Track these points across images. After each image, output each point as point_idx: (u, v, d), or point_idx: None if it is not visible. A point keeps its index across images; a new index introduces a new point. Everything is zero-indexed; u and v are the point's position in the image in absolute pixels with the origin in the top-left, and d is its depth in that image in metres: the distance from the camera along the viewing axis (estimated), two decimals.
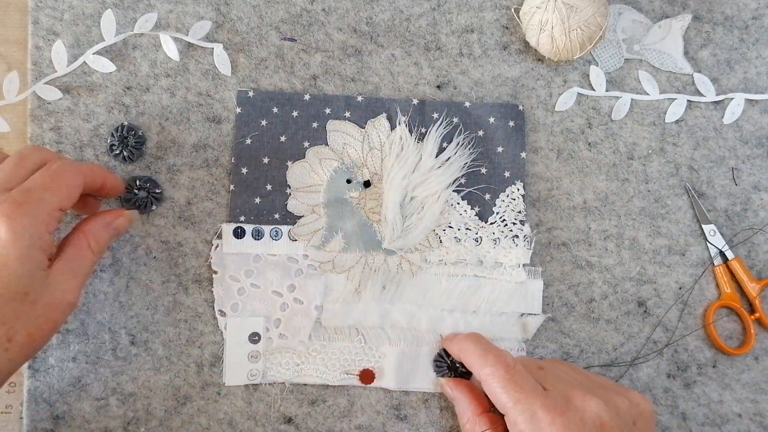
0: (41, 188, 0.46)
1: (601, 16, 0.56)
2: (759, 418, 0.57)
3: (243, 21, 0.59)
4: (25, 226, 0.44)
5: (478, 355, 0.51)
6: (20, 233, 0.43)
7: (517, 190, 0.58)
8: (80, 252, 0.48)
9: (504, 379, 0.48)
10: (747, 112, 0.61)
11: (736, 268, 0.58)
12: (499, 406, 0.49)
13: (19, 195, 0.45)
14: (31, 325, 0.45)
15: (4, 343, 0.44)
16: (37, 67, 0.57)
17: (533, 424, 0.46)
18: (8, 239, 0.43)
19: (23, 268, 0.44)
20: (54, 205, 0.46)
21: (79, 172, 0.48)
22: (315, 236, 0.57)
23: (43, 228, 0.45)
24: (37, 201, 0.45)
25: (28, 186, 0.46)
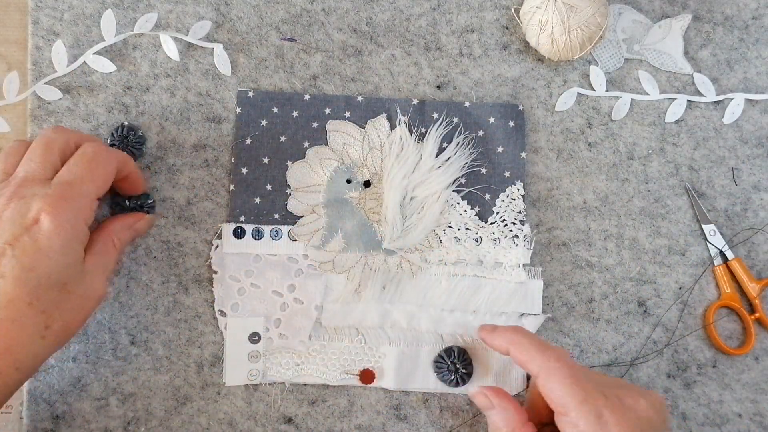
0: (81, 180, 0.47)
1: (601, 16, 0.56)
2: (759, 418, 0.57)
3: (243, 21, 0.59)
4: (69, 219, 0.46)
5: (537, 349, 0.48)
6: (63, 226, 0.45)
7: (517, 190, 0.58)
8: (107, 248, 0.50)
9: (571, 376, 0.46)
10: (747, 112, 0.61)
11: (736, 268, 0.58)
12: (558, 404, 0.46)
13: (61, 189, 0.46)
14: (67, 314, 0.46)
15: (42, 330, 0.45)
16: (37, 67, 0.57)
17: (600, 425, 0.44)
18: (52, 231, 0.45)
19: (64, 259, 0.45)
20: (92, 195, 0.48)
21: (112, 158, 0.50)
22: (315, 236, 0.57)
23: (83, 220, 0.47)
24: (78, 194, 0.47)
25: (69, 179, 0.47)
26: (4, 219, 0.45)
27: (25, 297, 0.44)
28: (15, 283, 0.44)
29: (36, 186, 0.46)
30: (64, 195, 0.46)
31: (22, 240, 0.44)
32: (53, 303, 0.45)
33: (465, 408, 0.56)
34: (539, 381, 0.47)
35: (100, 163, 0.49)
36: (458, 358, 0.55)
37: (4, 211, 0.45)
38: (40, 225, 0.45)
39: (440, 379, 0.55)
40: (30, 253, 0.44)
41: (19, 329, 0.44)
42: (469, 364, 0.55)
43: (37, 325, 0.45)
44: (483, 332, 0.53)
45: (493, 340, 0.51)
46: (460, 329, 0.56)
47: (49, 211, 0.45)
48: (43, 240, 0.45)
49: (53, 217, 0.45)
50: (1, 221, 0.45)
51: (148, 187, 0.56)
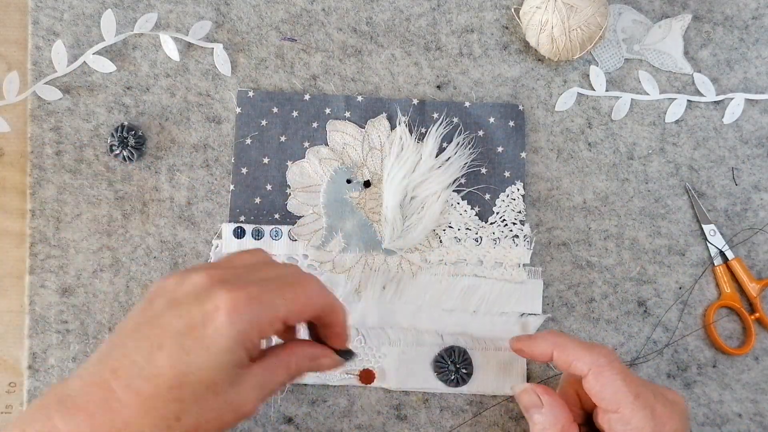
0: (277, 292, 0.43)
1: (601, 16, 0.56)
2: (759, 418, 0.57)
3: (243, 21, 0.59)
4: (244, 323, 0.41)
5: (583, 347, 0.47)
6: (237, 327, 0.41)
7: (517, 190, 0.58)
8: (279, 368, 0.45)
9: (621, 372, 0.46)
10: (747, 112, 0.61)
11: (736, 268, 0.58)
12: (610, 401, 0.46)
13: (254, 289, 0.42)
14: (203, 414, 0.41)
15: (173, 421, 0.41)
16: (37, 67, 0.57)
17: (654, 420, 0.44)
18: (223, 327, 0.40)
19: (223, 359, 0.41)
20: (281, 315, 0.42)
21: (324, 297, 0.45)
22: (315, 236, 0.57)
23: (257, 332, 0.42)
24: (268, 304, 0.42)
25: (267, 284, 0.43)
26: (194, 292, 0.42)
27: (170, 378, 0.40)
28: (167, 359, 0.40)
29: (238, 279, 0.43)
30: (252, 297, 0.41)
31: (195, 320, 0.41)
32: (194, 397, 0.41)
33: (465, 408, 0.56)
34: (588, 379, 0.47)
35: (307, 290, 0.44)
36: (459, 358, 0.55)
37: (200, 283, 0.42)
38: (217, 317, 0.40)
39: (440, 379, 0.55)
40: (194, 339, 0.40)
41: (149, 409, 0.40)
42: (470, 364, 0.55)
43: (169, 412, 0.40)
44: (519, 342, 0.51)
45: (534, 346, 0.50)
46: (461, 329, 0.56)
47: (228, 307, 0.41)
48: (211, 332, 0.40)
49: (229, 316, 0.40)
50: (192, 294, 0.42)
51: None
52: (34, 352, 0.54)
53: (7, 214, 0.56)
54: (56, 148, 0.56)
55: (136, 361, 0.40)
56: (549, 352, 0.49)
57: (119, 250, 0.56)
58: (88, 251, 0.56)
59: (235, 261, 0.46)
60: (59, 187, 0.56)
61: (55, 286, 0.55)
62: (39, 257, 0.55)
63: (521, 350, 0.51)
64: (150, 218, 0.56)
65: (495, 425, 0.56)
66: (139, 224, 0.56)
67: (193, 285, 0.42)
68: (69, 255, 0.55)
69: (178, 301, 0.42)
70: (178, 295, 0.42)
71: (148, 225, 0.56)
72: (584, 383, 0.47)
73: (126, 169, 0.57)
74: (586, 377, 0.47)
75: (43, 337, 0.55)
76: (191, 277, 0.43)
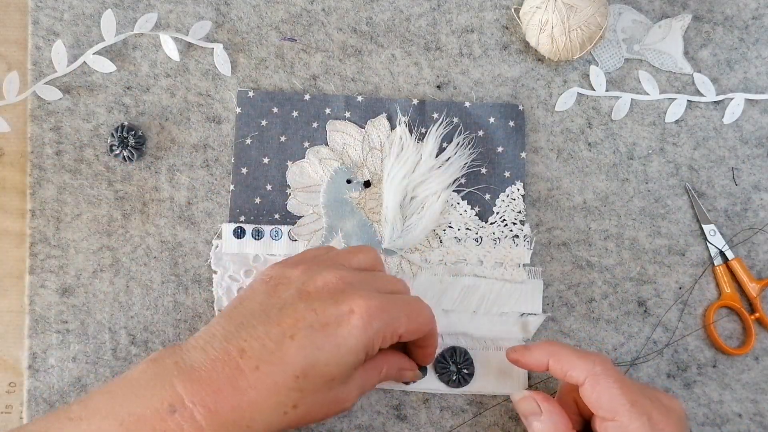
0: (402, 308, 0.46)
1: (601, 16, 0.56)
2: (759, 418, 0.57)
3: (243, 21, 0.59)
4: (374, 330, 0.44)
5: (579, 356, 0.48)
6: (368, 333, 0.44)
7: (517, 190, 0.58)
8: (374, 372, 0.49)
9: (617, 380, 0.46)
10: (747, 112, 0.61)
11: (736, 268, 0.58)
12: (606, 409, 0.46)
13: (384, 301, 0.45)
14: (316, 404, 0.44)
15: (290, 407, 0.43)
16: (37, 67, 0.57)
17: (651, 426, 0.45)
18: (356, 330, 0.44)
19: (348, 359, 0.44)
20: (401, 330, 0.46)
21: (432, 322, 0.49)
22: (315, 236, 0.57)
23: (381, 341, 0.45)
24: (395, 317, 0.45)
25: (394, 299, 0.46)
26: (328, 289, 0.45)
27: (297, 368, 0.42)
28: (297, 349, 0.43)
29: (366, 287, 0.46)
30: (383, 309, 0.45)
31: (329, 318, 0.43)
32: (313, 388, 0.43)
33: (465, 408, 0.56)
34: (585, 387, 0.47)
35: (423, 312, 0.48)
36: (460, 359, 0.55)
37: (333, 282, 0.45)
38: (351, 319, 0.44)
39: (442, 380, 0.55)
40: (326, 335, 0.43)
41: (272, 393, 0.42)
42: (471, 364, 0.55)
43: (289, 399, 0.43)
44: (515, 353, 0.51)
45: (529, 357, 0.50)
46: (461, 329, 0.56)
47: (364, 313, 0.44)
48: (344, 332, 0.43)
49: (364, 321, 0.44)
50: (325, 290, 0.45)
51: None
52: (34, 352, 0.54)
53: (7, 214, 0.56)
54: (56, 148, 0.56)
55: (266, 345, 0.42)
56: (544, 362, 0.50)
57: (119, 250, 0.56)
58: (88, 251, 0.56)
59: (353, 261, 0.49)
60: (59, 187, 0.56)
61: (55, 286, 0.55)
62: (39, 257, 0.55)
63: (517, 360, 0.51)
64: (150, 218, 0.56)
65: (495, 425, 0.56)
66: (139, 224, 0.56)
67: (326, 283, 0.45)
68: (69, 255, 0.55)
69: (310, 296, 0.44)
70: (309, 289, 0.44)
71: (148, 225, 0.56)
72: (581, 391, 0.48)
73: (126, 169, 0.57)
74: (583, 386, 0.47)
75: (43, 337, 0.55)
76: (322, 274, 0.45)
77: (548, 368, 0.49)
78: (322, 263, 0.47)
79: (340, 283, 0.45)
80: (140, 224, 0.56)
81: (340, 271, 0.46)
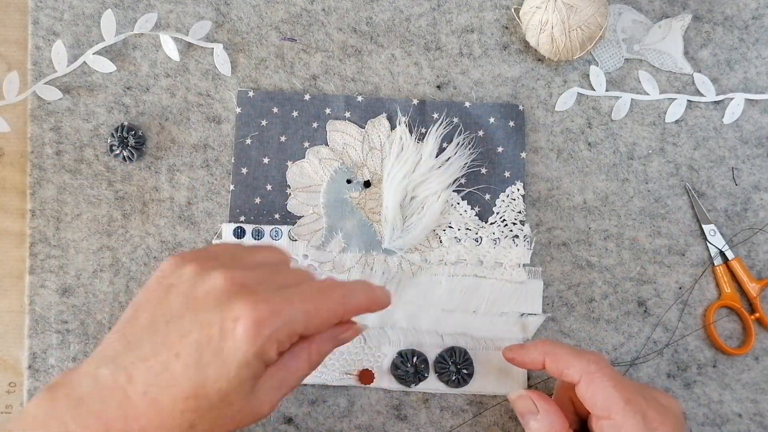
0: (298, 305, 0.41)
1: (601, 16, 0.56)
2: (759, 418, 0.57)
3: (243, 21, 0.59)
4: (263, 339, 0.40)
5: (574, 355, 0.48)
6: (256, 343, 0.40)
7: (517, 190, 0.58)
8: (297, 363, 0.43)
9: (612, 379, 0.46)
10: (747, 112, 0.61)
11: (736, 268, 0.58)
12: (601, 408, 0.46)
13: (275, 301, 0.41)
14: (217, 421, 0.41)
15: (187, 428, 0.40)
16: (37, 67, 0.57)
17: (645, 425, 0.44)
18: (242, 343, 0.39)
19: (240, 373, 0.40)
20: (299, 330, 0.41)
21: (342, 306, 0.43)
22: (315, 236, 0.57)
23: (276, 347, 0.41)
24: (289, 318, 0.41)
25: (289, 296, 0.41)
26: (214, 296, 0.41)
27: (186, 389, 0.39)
28: (184, 368, 0.39)
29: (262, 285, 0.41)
30: (276, 312, 0.40)
31: (212, 330, 0.40)
32: (208, 406, 0.40)
33: (465, 408, 0.56)
34: (580, 386, 0.47)
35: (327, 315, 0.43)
36: (460, 359, 0.55)
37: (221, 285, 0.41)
38: (236, 329, 0.39)
39: (441, 380, 0.55)
40: (211, 351, 0.39)
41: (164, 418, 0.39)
42: (470, 364, 0.55)
43: (184, 420, 0.40)
44: (511, 352, 0.51)
45: (525, 355, 0.50)
46: (461, 329, 0.56)
47: (249, 323, 0.39)
48: (230, 346, 0.39)
49: (249, 332, 0.39)
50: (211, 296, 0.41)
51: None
52: (34, 352, 0.54)
53: (7, 214, 0.56)
54: (56, 148, 0.56)
55: (152, 367, 0.40)
56: (540, 361, 0.50)
57: (119, 250, 0.56)
58: (88, 251, 0.56)
59: (255, 257, 0.45)
60: (59, 187, 0.56)
61: (55, 286, 0.55)
62: (39, 257, 0.55)
63: (513, 359, 0.51)
64: (150, 218, 0.56)
65: (495, 425, 0.56)
66: (139, 224, 0.56)
67: (213, 286, 0.41)
68: (69, 255, 0.55)
69: (197, 303, 0.41)
70: (197, 294, 0.41)
71: (148, 225, 0.56)
72: (576, 390, 0.48)
73: (126, 169, 0.57)
74: (578, 384, 0.47)
75: (43, 337, 0.55)
76: (212, 276, 0.41)
77: (544, 367, 0.50)
78: (217, 261, 0.43)
79: (229, 285, 0.41)
80: (140, 224, 0.56)
81: (232, 271, 0.42)
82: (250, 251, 0.45)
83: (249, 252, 0.45)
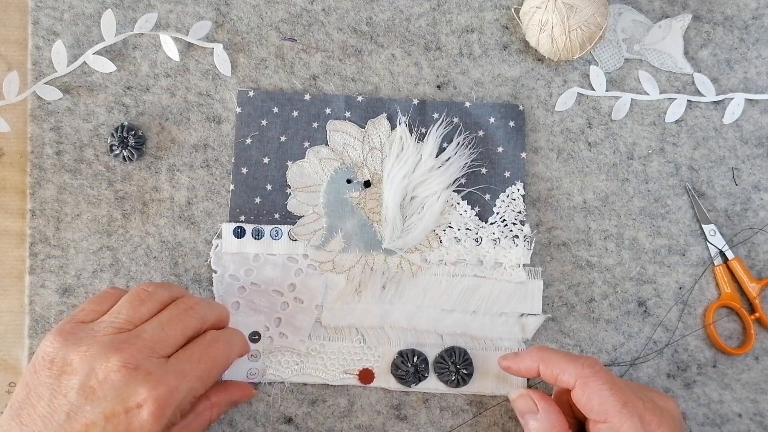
0: (195, 378, 0.45)
1: (601, 16, 0.56)
2: (759, 418, 0.57)
3: (243, 21, 0.59)
4: (167, 416, 0.43)
5: (568, 360, 0.48)
6: (161, 421, 0.43)
7: (517, 191, 0.58)
8: (200, 421, 0.48)
9: (607, 382, 0.46)
10: (747, 112, 0.61)
11: (736, 268, 0.58)
12: (597, 411, 0.46)
13: (174, 380, 0.44)
14: None
15: None
16: (37, 67, 0.57)
17: (643, 427, 0.44)
18: (149, 424, 0.42)
19: None
20: (198, 394, 0.46)
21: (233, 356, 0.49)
22: (315, 236, 0.57)
23: (179, 415, 0.45)
24: (188, 391, 0.45)
25: (184, 370, 0.45)
26: (111, 385, 0.42)
27: None
28: None
29: (153, 361, 0.44)
30: (175, 389, 0.43)
31: (119, 419, 0.42)
32: None
33: (465, 408, 0.56)
34: (576, 391, 0.47)
35: (219, 370, 0.47)
36: (459, 359, 0.55)
37: (113, 373, 0.42)
38: (141, 414, 0.42)
39: (441, 380, 0.55)
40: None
41: None
42: (470, 364, 0.55)
43: None
44: (506, 360, 0.52)
45: (520, 363, 0.51)
46: (460, 329, 0.56)
47: (153, 406, 0.42)
48: (137, 428, 0.42)
49: (155, 414, 0.42)
50: (108, 385, 0.42)
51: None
52: (34, 352, 0.54)
53: (7, 214, 0.56)
54: (56, 148, 0.56)
55: None
56: (535, 368, 0.50)
57: (119, 250, 0.56)
58: (88, 251, 0.56)
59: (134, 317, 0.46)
60: (59, 187, 0.56)
61: (55, 286, 0.55)
62: (39, 257, 0.55)
63: (508, 368, 0.52)
64: (150, 218, 0.56)
65: (495, 425, 0.56)
66: (139, 224, 0.56)
67: (107, 375, 0.42)
68: (69, 255, 0.55)
69: (95, 394, 0.42)
70: (93, 384, 0.42)
71: (148, 225, 0.56)
72: (572, 395, 0.48)
73: (126, 169, 0.57)
74: (574, 389, 0.47)
75: (43, 337, 0.55)
76: (104, 364, 0.42)
77: (539, 374, 0.50)
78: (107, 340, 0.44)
79: (124, 371, 0.43)
80: (140, 224, 0.56)
81: (122, 353, 0.43)
82: (129, 313, 0.46)
83: (128, 316, 0.46)
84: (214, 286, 0.56)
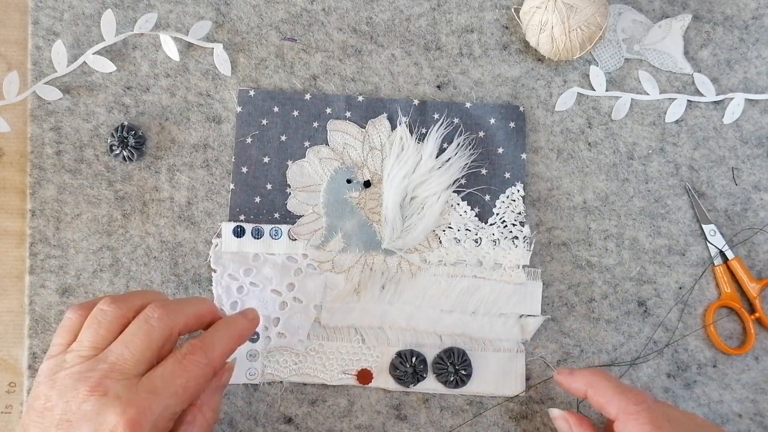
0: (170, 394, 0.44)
1: (601, 16, 0.56)
2: (759, 418, 0.57)
3: (243, 21, 0.59)
4: None
5: (615, 392, 0.48)
6: None
7: (517, 192, 0.58)
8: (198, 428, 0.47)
9: (650, 422, 0.46)
10: (747, 112, 0.61)
11: (736, 268, 0.58)
12: None
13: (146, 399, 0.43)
14: None
15: None
16: (37, 67, 0.57)
17: None
18: None
19: None
20: (178, 410, 0.45)
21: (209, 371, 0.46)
22: (315, 236, 0.57)
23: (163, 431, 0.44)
24: (164, 409, 0.43)
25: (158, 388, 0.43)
26: (82, 415, 0.42)
27: None
28: None
29: (122, 383, 0.43)
30: (147, 409, 0.42)
31: None
32: None
33: (465, 408, 0.56)
34: (617, 425, 0.47)
35: (198, 381, 0.45)
36: (458, 360, 0.55)
37: (84, 402, 0.42)
38: None
39: (439, 381, 0.55)
40: None
41: None
42: (469, 365, 0.55)
43: None
44: (561, 376, 0.52)
45: (572, 382, 0.51)
46: (459, 330, 0.56)
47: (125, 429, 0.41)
48: None
49: None
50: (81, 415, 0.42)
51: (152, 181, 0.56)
52: (34, 352, 0.55)
53: (7, 214, 0.56)
54: (56, 148, 0.56)
55: None
56: (583, 391, 0.50)
57: (119, 250, 0.56)
58: (88, 251, 0.56)
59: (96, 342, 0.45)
60: (59, 187, 0.56)
61: (55, 286, 0.55)
62: (39, 257, 0.55)
63: (561, 383, 0.52)
64: (150, 218, 0.56)
65: (495, 425, 0.56)
66: (139, 224, 0.56)
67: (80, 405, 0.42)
68: (69, 255, 0.55)
69: (72, 426, 0.42)
70: (70, 418, 0.42)
71: (148, 225, 0.56)
72: (614, 427, 0.48)
73: (126, 169, 0.57)
74: (616, 422, 0.47)
75: (43, 337, 0.55)
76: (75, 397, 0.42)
77: (587, 397, 0.50)
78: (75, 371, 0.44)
79: (94, 399, 0.42)
80: (140, 224, 0.56)
81: (89, 382, 0.43)
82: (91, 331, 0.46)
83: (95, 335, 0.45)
84: (213, 285, 0.56)
